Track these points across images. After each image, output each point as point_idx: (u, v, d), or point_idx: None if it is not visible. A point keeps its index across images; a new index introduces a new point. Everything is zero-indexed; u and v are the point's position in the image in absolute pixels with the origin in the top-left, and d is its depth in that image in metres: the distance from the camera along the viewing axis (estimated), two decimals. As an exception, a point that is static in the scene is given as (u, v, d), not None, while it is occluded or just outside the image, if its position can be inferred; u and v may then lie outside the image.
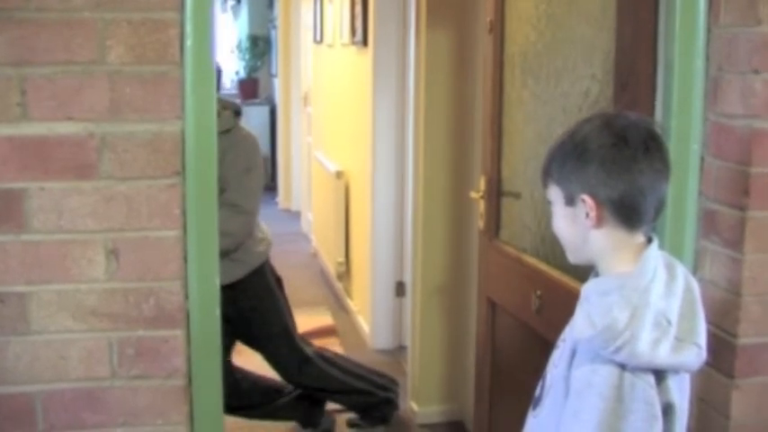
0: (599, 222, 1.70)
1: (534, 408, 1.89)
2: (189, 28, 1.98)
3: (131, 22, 1.88)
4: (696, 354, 1.68)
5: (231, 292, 3.74)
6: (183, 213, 2.03)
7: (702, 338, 1.70)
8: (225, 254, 3.54)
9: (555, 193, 1.79)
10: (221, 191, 3.59)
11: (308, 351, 4.14)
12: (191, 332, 2.10)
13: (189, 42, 1.99)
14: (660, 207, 1.74)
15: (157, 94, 1.91)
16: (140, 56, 1.89)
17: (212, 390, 2.17)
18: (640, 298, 1.63)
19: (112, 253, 1.93)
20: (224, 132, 3.68)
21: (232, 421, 4.11)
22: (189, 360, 2.11)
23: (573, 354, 1.72)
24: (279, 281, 4.15)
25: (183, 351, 2.00)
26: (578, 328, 1.68)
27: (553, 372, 1.82)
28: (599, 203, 1.69)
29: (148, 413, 2.00)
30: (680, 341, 1.65)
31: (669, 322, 1.65)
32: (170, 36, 1.90)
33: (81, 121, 1.88)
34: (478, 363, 3.48)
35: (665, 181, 1.73)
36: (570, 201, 1.74)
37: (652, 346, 1.60)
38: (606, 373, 1.62)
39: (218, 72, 10.77)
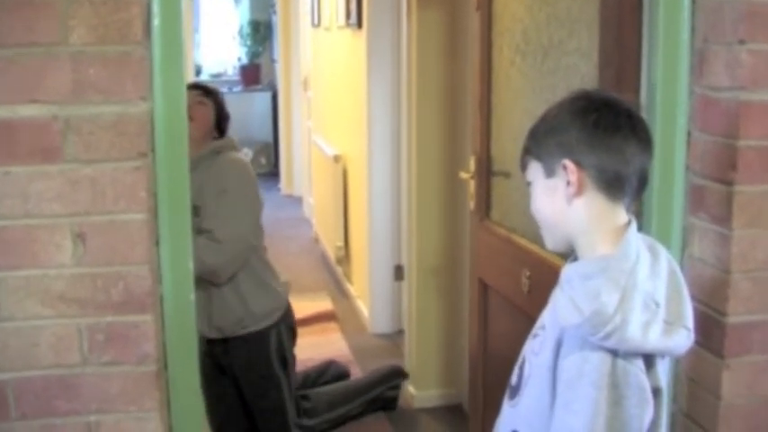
0: (580, 189, 1.65)
1: (511, 397, 1.83)
2: (156, 7, 1.94)
3: (93, 1, 1.82)
4: (686, 337, 1.63)
5: (223, 345, 3.66)
6: (153, 196, 1.98)
7: (691, 321, 1.65)
8: (204, 281, 3.42)
9: (534, 170, 1.73)
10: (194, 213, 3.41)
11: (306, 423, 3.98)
12: (164, 317, 2.06)
13: (156, 21, 1.95)
14: (643, 181, 1.69)
15: (121, 74, 1.85)
16: (103, 36, 1.83)
17: (189, 375, 2.13)
18: (628, 280, 1.58)
19: (79, 237, 1.88)
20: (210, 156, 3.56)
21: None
22: (163, 346, 2.07)
23: (558, 342, 1.66)
24: (293, 333, 3.87)
25: (154, 336, 1.96)
26: (563, 315, 1.62)
27: (533, 360, 1.76)
28: (580, 168, 1.64)
29: (121, 400, 1.96)
30: (669, 324, 1.60)
31: (657, 304, 1.60)
32: (132, 15, 1.84)
33: (45, 103, 1.83)
34: (471, 345, 3.45)
35: (648, 153, 1.68)
36: (550, 172, 1.69)
37: (643, 329, 1.55)
38: (597, 361, 1.56)
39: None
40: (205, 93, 3.72)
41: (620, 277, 1.58)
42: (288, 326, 3.79)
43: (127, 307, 1.93)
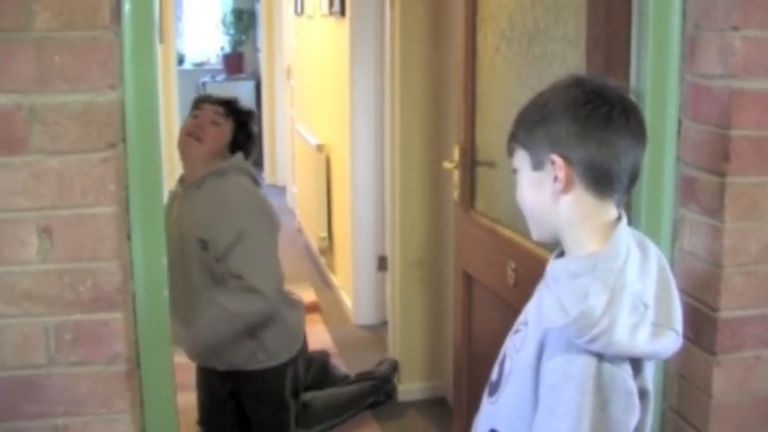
0: (567, 186, 1.57)
1: (491, 394, 1.77)
2: (127, -9, 1.86)
3: (58, -16, 1.74)
4: (674, 340, 1.56)
5: (233, 376, 3.46)
6: (124, 188, 1.91)
7: (679, 323, 1.58)
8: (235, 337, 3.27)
9: (521, 159, 1.66)
10: (202, 247, 3.22)
11: None
12: (137, 315, 1.99)
13: (127, 7, 1.87)
14: (634, 177, 1.62)
15: (88, 61, 1.77)
16: (69, 21, 1.75)
17: (163, 375, 2.06)
18: (617, 280, 1.51)
19: (45, 232, 1.80)
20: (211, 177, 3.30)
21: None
22: (137, 344, 1.99)
23: (541, 342, 1.59)
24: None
25: (125, 335, 1.88)
26: (548, 315, 1.55)
27: (514, 356, 1.69)
28: (569, 164, 1.56)
29: (90, 401, 1.88)
30: (657, 326, 1.54)
31: (646, 306, 1.53)
32: (100, -1, 1.76)
33: (8, 92, 1.75)
34: (456, 338, 3.40)
35: (641, 148, 1.61)
36: (538, 164, 1.61)
37: (630, 333, 1.49)
38: (583, 364, 1.50)
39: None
40: (227, 112, 3.44)
41: (608, 277, 1.51)
42: (303, 354, 3.61)
43: (96, 304, 1.85)
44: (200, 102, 3.53)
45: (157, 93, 1.95)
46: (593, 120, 1.55)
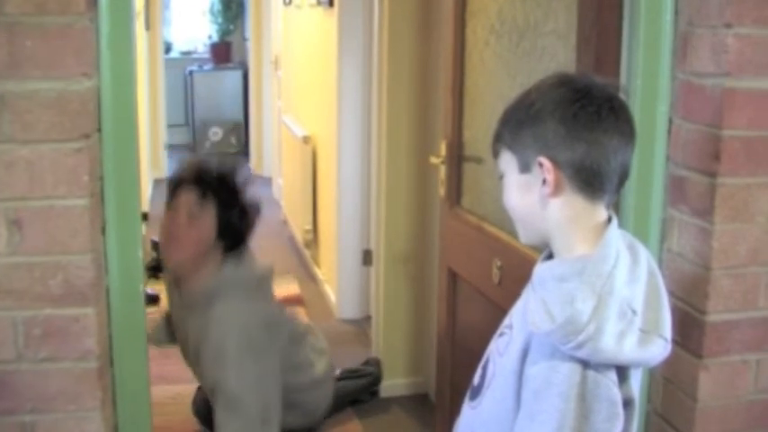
0: (557, 189, 1.52)
1: (472, 398, 1.72)
2: (103, -25, 1.80)
3: (31, -32, 1.68)
4: (662, 347, 1.52)
5: None
6: (99, 180, 1.85)
7: (668, 330, 1.54)
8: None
9: (507, 161, 1.61)
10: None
11: None
12: (111, 310, 1.94)
13: (104, -8, 1.82)
14: (624, 177, 1.57)
15: (62, 48, 1.71)
16: (41, 6, 1.69)
17: (137, 371, 2.02)
18: (604, 285, 1.46)
19: (15, 224, 1.75)
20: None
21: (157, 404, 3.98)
22: (110, 340, 1.95)
23: (526, 347, 1.54)
24: None
25: (97, 331, 1.83)
26: (533, 320, 1.50)
27: (497, 360, 1.64)
28: (557, 167, 1.51)
29: (59, 399, 1.84)
30: (645, 333, 1.49)
31: (634, 312, 1.48)
32: (74, -18, 1.70)
33: (-24, 78, 1.70)
34: (440, 336, 3.36)
35: (630, 147, 1.56)
36: (525, 167, 1.56)
37: (617, 340, 1.44)
38: (567, 371, 1.45)
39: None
40: (203, 192, 2.93)
41: (596, 282, 1.47)
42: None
43: (67, 299, 1.80)
44: (175, 187, 3.01)
45: (135, 82, 1.90)
46: (581, 120, 1.50)
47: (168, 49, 11.12)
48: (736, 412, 2.09)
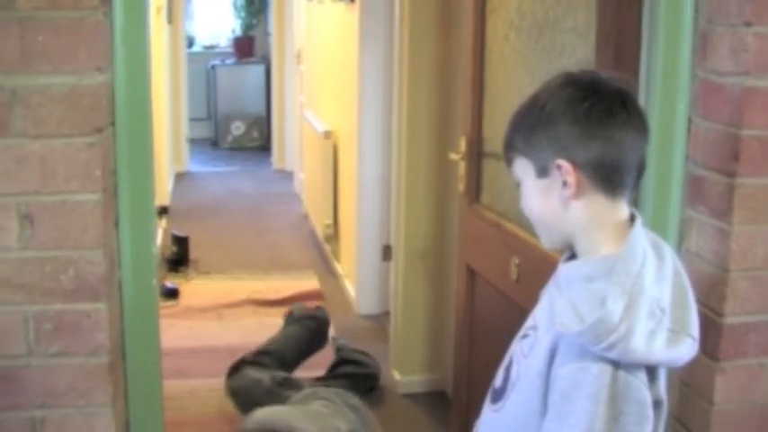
0: (578, 190, 1.50)
1: (494, 401, 1.68)
2: (117, -31, 1.80)
3: (43, -38, 1.68)
4: (691, 347, 1.49)
5: None
6: (112, 174, 1.85)
7: (696, 329, 1.51)
8: None
9: (523, 168, 1.58)
10: None
11: None
12: (124, 304, 1.93)
13: (118, -15, 1.81)
14: (641, 170, 1.55)
15: (74, 42, 1.71)
16: (54, 0, 1.68)
17: (149, 367, 2.02)
18: (634, 284, 1.44)
19: (26, 218, 1.74)
20: None
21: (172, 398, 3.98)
22: (122, 335, 1.94)
23: (553, 348, 1.51)
24: None
25: (108, 326, 1.82)
26: (562, 320, 1.47)
27: (522, 362, 1.61)
28: (576, 167, 1.49)
29: (70, 394, 1.83)
30: (674, 332, 1.46)
31: (663, 311, 1.46)
32: (87, -23, 1.70)
33: (-11, 72, 1.69)
34: (458, 333, 3.35)
35: (645, 139, 1.54)
36: (543, 171, 1.54)
37: (647, 340, 1.41)
38: (597, 372, 1.42)
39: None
40: None
41: (626, 281, 1.44)
42: None
43: (78, 294, 1.79)
44: None
45: (149, 76, 1.89)
46: (593, 118, 1.48)
47: (191, 43, 11.15)
48: (752, 416, 2.07)
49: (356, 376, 4.24)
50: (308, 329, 4.39)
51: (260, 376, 3.78)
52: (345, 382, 4.12)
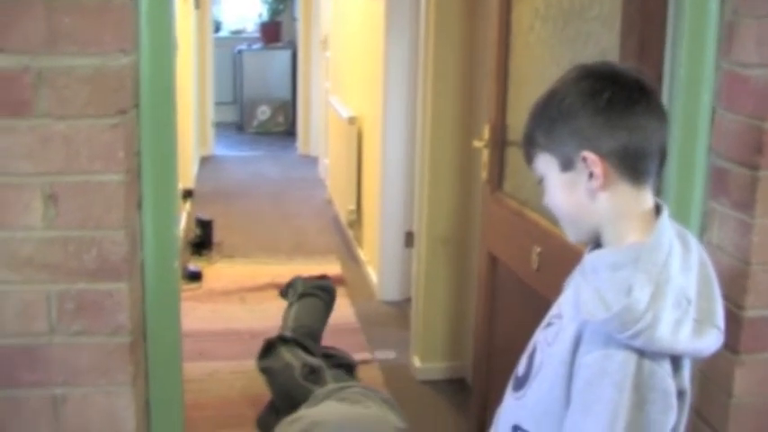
0: (606, 181, 1.50)
1: (517, 388, 1.68)
2: (142, -49, 1.81)
3: (69, -57, 1.69)
4: (716, 337, 1.48)
5: None
6: (136, 155, 1.86)
7: (722, 320, 1.50)
8: None
9: (545, 163, 1.58)
10: None
11: None
12: (145, 285, 1.95)
13: (143, -31, 1.82)
14: (663, 158, 1.56)
15: (100, 24, 1.72)
16: (80, -18, 1.70)
17: (170, 348, 2.04)
18: (661, 273, 1.44)
19: (51, 198, 1.76)
20: None
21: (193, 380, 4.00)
22: (143, 315, 1.95)
23: (578, 336, 1.51)
24: None
25: (129, 306, 1.84)
26: (587, 308, 1.47)
27: (546, 350, 1.61)
28: (602, 158, 1.49)
29: (91, 372, 1.85)
30: (699, 323, 1.46)
31: (689, 301, 1.45)
32: (112, -42, 1.71)
33: (15, 53, 1.71)
34: (478, 320, 3.35)
35: (665, 126, 1.55)
36: (567, 165, 1.54)
37: (673, 329, 1.41)
38: (622, 360, 1.42)
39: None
40: None
41: (652, 269, 1.44)
42: None
43: (100, 274, 1.81)
44: None
45: (174, 58, 1.91)
46: (615, 107, 1.48)
47: (218, 28, 11.17)
48: (771, 409, 2.06)
49: (341, 366, 4.23)
50: (323, 301, 4.35)
51: (293, 362, 3.74)
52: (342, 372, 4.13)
